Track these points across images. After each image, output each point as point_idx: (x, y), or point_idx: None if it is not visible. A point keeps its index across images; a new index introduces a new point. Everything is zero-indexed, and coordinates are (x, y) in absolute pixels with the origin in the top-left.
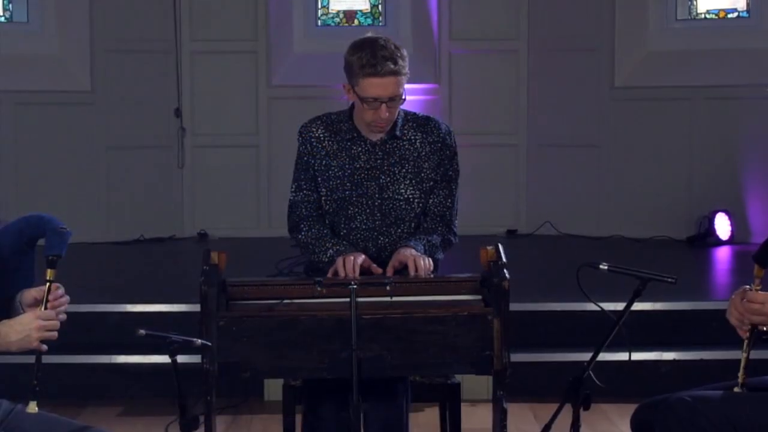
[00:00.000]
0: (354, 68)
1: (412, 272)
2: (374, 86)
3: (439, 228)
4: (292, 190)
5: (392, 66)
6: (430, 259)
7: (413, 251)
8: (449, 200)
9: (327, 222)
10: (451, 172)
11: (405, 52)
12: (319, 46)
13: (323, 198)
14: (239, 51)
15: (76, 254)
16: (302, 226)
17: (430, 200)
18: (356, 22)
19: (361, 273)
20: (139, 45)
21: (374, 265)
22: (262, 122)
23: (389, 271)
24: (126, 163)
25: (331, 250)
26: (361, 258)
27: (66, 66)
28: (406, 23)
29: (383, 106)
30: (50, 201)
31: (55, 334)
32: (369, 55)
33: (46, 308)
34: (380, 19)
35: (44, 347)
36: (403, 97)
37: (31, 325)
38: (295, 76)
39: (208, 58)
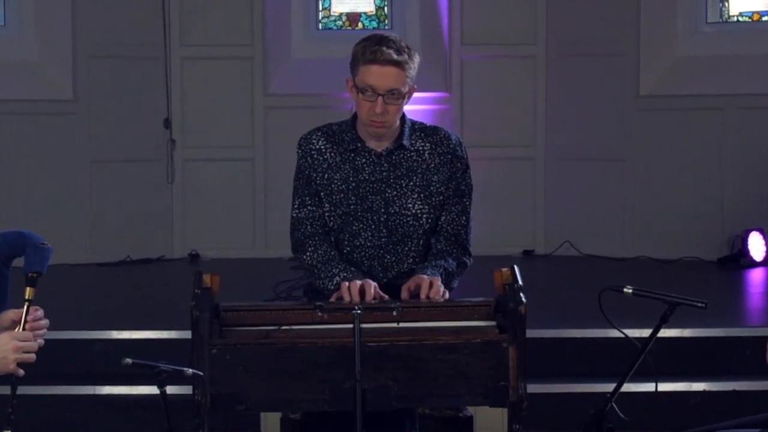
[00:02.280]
0: (357, 56)
1: (424, 294)
2: (372, 74)
3: (454, 250)
4: (295, 206)
5: (394, 56)
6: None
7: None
8: (463, 217)
9: (333, 240)
10: (463, 187)
11: (416, 55)
12: (320, 51)
13: (327, 214)
14: (233, 56)
15: (57, 276)
16: (308, 245)
17: (442, 218)
18: (360, 25)
19: None
20: (125, 50)
21: (385, 296)
22: (258, 134)
23: (404, 295)
24: (111, 178)
25: (337, 277)
26: (371, 285)
27: (46, 73)
28: (414, 26)
29: (379, 99)
30: (29, 219)
31: (33, 356)
32: (374, 43)
33: (24, 329)
34: (386, 22)
35: (21, 372)
36: (404, 93)
37: (7, 346)
38: (293, 84)
39: (200, 64)
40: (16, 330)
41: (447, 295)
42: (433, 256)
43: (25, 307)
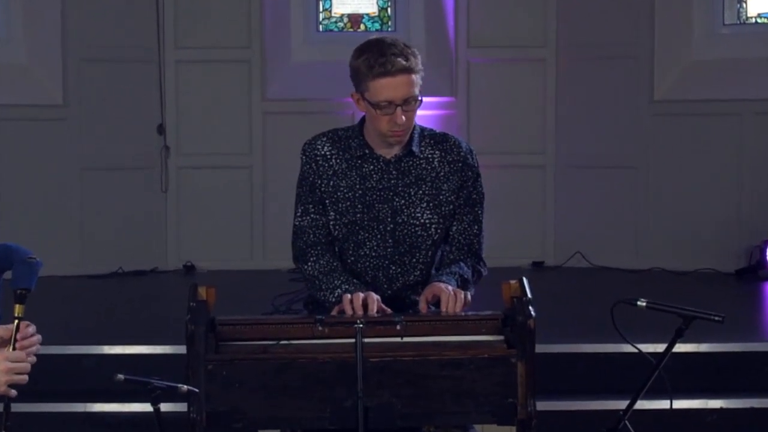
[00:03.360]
0: (362, 71)
1: (445, 307)
2: (386, 88)
3: (468, 259)
4: (298, 214)
5: (404, 62)
6: (469, 294)
7: (449, 286)
8: (475, 227)
9: (336, 250)
10: (475, 196)
11: (416, 51)
12: (321, 54)
13: (332, 223)
14: (230, 60)
15: (47, 289)
16: (310, 255)
17: (454, 227)
18: (362, 27)
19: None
20: (118, 53)
21: (388, 309)
22: (255, 140)
23: (422, 305)
24: (103, 186)
25: (339, 289)
26: (373, 298)
27: (35, 77)
28: (418, 28)
29: (398, 109)
30: (17, 229)
31: (26, 377)
32: (377, 54)
33: (14, 348)
34: (389, 23)
35: (13, 392)
36: (419, 98)
37: None
38: (293, 89)
39: (195, 68)
40: (7, 349)
41: (469, 298)
42: (446, 265)
43: (15, 324)
